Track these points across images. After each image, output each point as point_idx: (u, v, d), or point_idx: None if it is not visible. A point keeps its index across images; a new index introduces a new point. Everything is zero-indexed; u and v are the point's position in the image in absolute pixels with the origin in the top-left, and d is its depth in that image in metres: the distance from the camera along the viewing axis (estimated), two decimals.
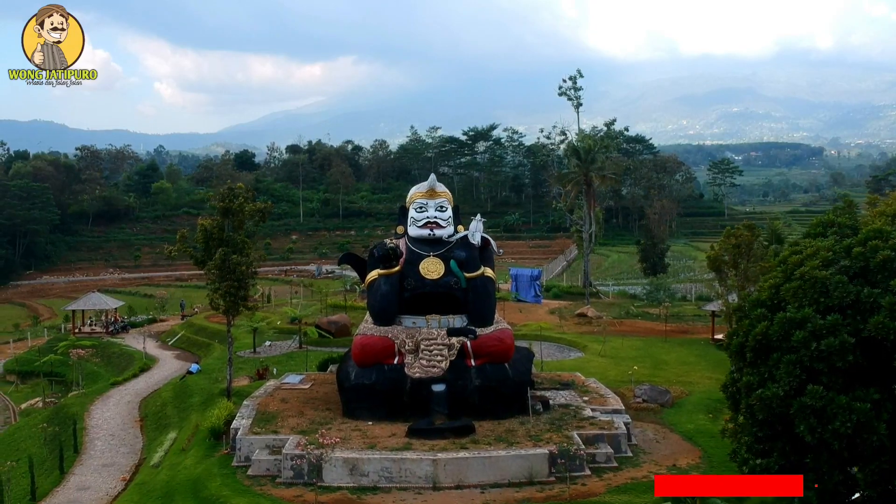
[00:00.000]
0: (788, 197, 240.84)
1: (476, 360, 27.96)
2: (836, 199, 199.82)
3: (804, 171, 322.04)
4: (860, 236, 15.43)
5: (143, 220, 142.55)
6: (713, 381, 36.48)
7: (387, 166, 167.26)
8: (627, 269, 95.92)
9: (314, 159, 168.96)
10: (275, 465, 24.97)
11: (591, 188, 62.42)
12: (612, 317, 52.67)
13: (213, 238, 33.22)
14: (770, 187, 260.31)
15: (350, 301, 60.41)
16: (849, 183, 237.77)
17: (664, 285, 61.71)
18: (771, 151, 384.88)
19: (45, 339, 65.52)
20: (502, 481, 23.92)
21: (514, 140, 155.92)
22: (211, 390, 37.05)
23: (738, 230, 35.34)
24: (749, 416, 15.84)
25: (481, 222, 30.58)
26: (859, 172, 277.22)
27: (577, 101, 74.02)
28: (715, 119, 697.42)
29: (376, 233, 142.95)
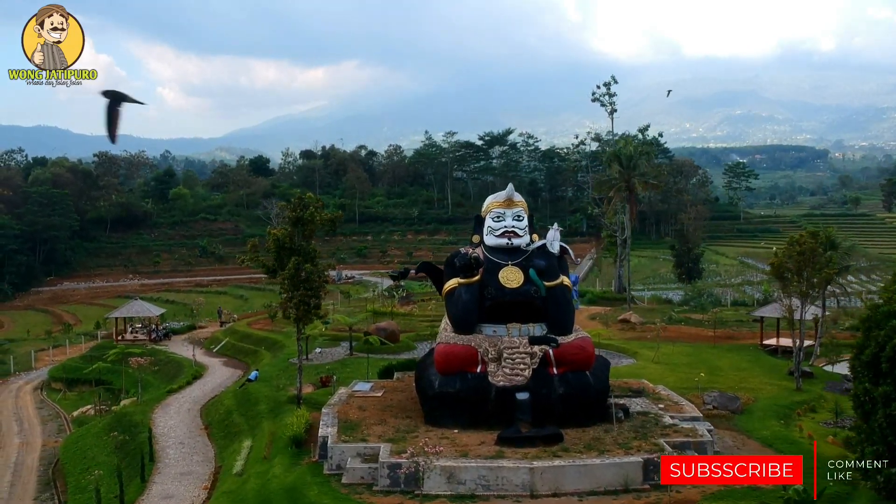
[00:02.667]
0: (796, 199, 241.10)
1: (558, 368, 28.23)
2: (844, 201, 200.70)
3: (809, 174, 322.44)
4: None
5: (160, 226, 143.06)
6: (775, 388, 37.03)
7: (401, 171, 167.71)
8: (652, 274, 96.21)
9: (329, 164, 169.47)
10: (369, 473, 25.27)
11: (632, 194, 62.87)
12: (662, 323, 52.88)
13: (285, 247, 33.56)
14: (776, 190, 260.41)
15: (391, 307, 60.75)
16: (856, 185, 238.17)
17: (707, 290, 61.99)
18: (775, 154, 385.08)
19: (82, 346, 65.82)
20: (598, 489, 24.21)
21: (529, 145, 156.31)
22: (276, 398, 37.33)
23: (803, 237, 35.58)
24: (887, 425, 16.10)
25: (559, 231, 30.86)
26: (865, 175, 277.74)
27: (612, 108, 74.33)
28: (718, 122, 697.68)
29: (393, 238, 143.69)
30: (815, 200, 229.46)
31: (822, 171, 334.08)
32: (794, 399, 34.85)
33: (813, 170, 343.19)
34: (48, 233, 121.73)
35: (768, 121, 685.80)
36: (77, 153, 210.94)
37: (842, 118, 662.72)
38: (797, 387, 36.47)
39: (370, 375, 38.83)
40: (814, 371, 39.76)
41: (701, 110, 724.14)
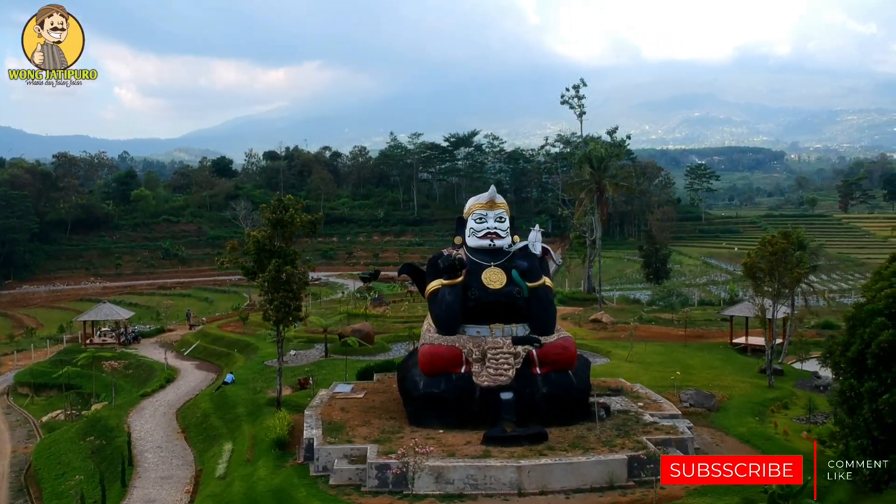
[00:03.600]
0: (754, 200, 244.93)
1: (541, 368, 28.55)
2: (801, 202, 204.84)
3: (766, 175, 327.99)
4: None
5: (122, 228, 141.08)
6: (747, 385, 37.82)
7: (367, 172, 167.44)
8: (618, 274, 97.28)
9: (293, 165, 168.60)
10: (357, 474, 25.34)
11: (603, 195, 63.58)
12: (627, 322, 53.58)
13: (265, 249, 33.46)
14: (735, 191, 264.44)
15: (363, 309, 60.74)
16: (812, 186, 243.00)
17: (676, 290, 62.94)
18: (733, 156, 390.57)
19: (47, 350, 64.73)
20: (584, 486, 24.57)
21: (494, 146, 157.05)
22: (255, 401, 37.16)
23: (775, 238, 36.37)
24: (873, 419, 16.64)
25: (539, 232, 31.19)
26: (820, 176, 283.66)
27: (581, 110, 75.08)
28: (677, 124, 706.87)
29: (359, 239, 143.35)
30: (772, 201, 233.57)
31: (779, 173, 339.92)
32: (767, 396, 35.64)
33: (770, 171, 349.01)
34: (6, 235, 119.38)
35: (726, 123, 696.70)
36: (32, 154, 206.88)
37: (797, 121, 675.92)
38: (769, 384, 37.28)
39: (348, 377, 38.81)
40: (784, 369, 40.62)
41: (660, 113, 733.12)
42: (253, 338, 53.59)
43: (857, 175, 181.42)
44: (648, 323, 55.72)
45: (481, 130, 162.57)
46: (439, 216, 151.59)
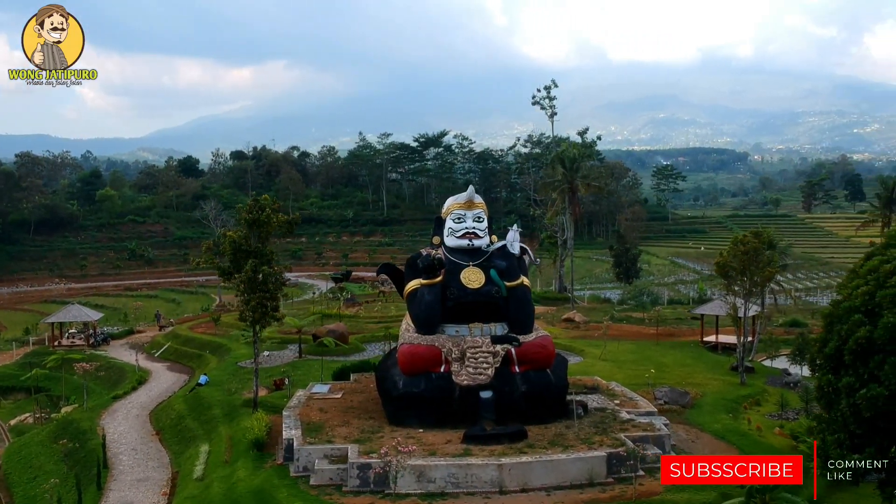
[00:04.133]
0: (718, 201, 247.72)
1: (520, 366, 28.79)
2: (765, 202, 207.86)
3: (730, 176, 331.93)
4: None
5: (87, 229, 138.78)
6: (720, 383, 38.41)
7: (335, 172, 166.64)
8: (587, 274, 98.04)
9: (261, 165, 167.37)
10: (338, 474, 25.37)
11: (575, 196, 64.12)
12: (599, 321, 54.08)
13: (241, 250, 33.27)
14: (700, 192, 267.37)
15: (336, 309, 60.56)
16: (775, 187, 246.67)
17: (647, 289, 63.61)
18: (698, 156, 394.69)
19: (13, 352, 63.59)
20: (564, 483, 24.84)
21: (464, 146, 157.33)
22: (230, 402, 36.97)
23: (747, 237, 36.98)
24: (850, 414, 17.05)
25: (518, 232, 31.39)
26: (783, 177, 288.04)
27: (552, 111, 75.57)
28: (642, 125, 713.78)
29: (328, 239, 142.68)
30: (736, 201, 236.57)
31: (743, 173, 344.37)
32: (739, 393, 36.25)
33: (734, 172, 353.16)
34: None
35: (690, 124, 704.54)
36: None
37: (760, 122, 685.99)
38: (741, 381, 37.91)
39: (324, 378, 38.70)
40: (754, 366, 41.29)
41: (626, 114, 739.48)
42: (225, 339, 53.20)
43: (820, 176, 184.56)
44: (620, 322, 56.30)
45: (451, 131, 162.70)
46: (409, 216, 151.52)
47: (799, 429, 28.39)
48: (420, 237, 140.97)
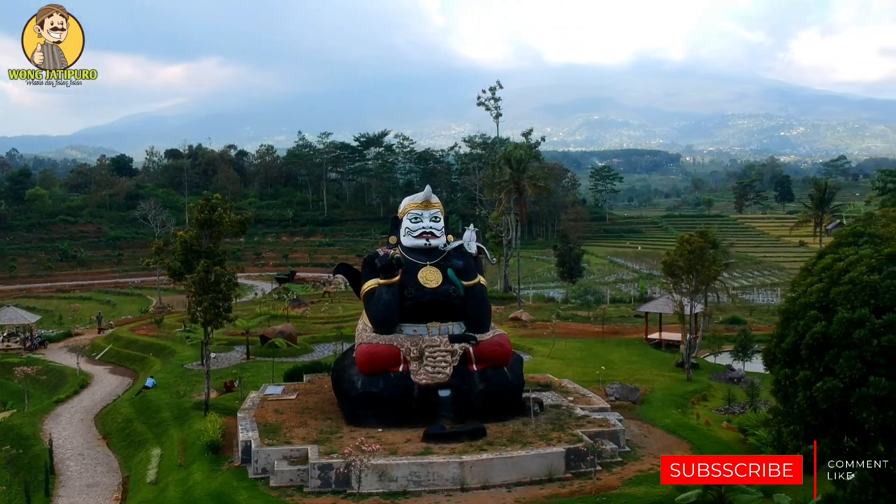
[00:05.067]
0: (652, 201, 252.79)
1: (478, 365, 29.05)
2: (698, 203, 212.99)
3: (663, 177, 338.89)
4: None
5: (16, 229, 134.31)
6: (667, 379, 39.31)
7: (274, 172, 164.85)
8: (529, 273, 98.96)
9: (197, 164, 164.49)
10: (298, 476, 25.23)
11: (521, 196, 64.79)
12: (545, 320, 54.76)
13: (193, 250, 32.77)
14: (634, 192, 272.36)
15: (281, 310, 60.00)
16: (707, 188, 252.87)
17: (592, 288, 64.60)
18: (632, 158, 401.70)
19: None
20: (524, 480, 25.17)
21: (404, 146, 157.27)
22: (180, 405, 36.39)
23: (692, 237, 37.91)
24: (807, 406, 17.72)
25: (474, 232, 31.64)
26: (714, 178, 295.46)
27: (497, 111, 76.17)
28: (577, 126, 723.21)
29: (267, 240, 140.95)
30: (670, 202, 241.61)
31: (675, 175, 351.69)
32: (686, 389, 37.14)
33: (666, 173, 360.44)
34: None
35: (624, 126, 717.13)
36: None
37: (691, 124, 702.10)
38: (688, 377, 38.85)
39: (275, 379, 38.37)
40: (699, 362, 42.34)
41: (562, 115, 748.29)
42: (169, 341, 52.19)
43: (751, 177, 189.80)
44: (567, 320, 57.06)
45: (391, 131, 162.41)
46: (350, 216, 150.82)
47: (747, 422, 29.28)
48: (361, 237, 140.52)
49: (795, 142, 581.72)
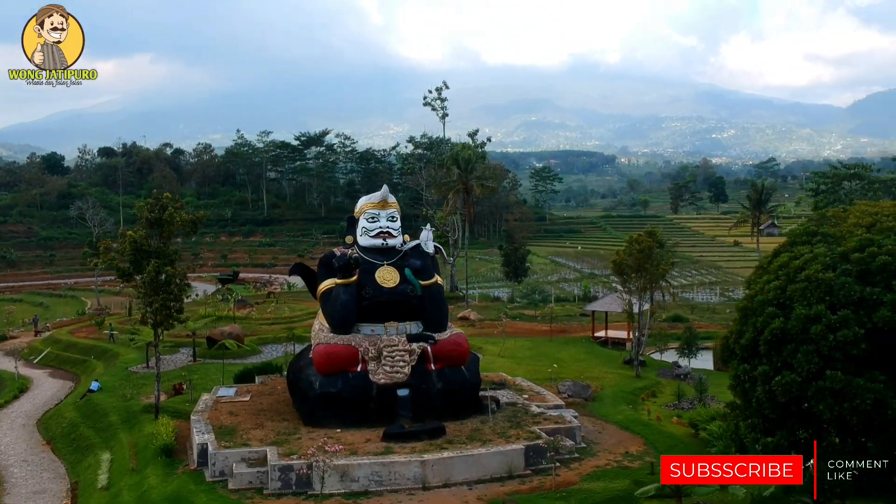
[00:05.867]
0: (589, 202, 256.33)
1: (436, 364, 29.15)
2: (634, 203, 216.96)
3: (600, 178, 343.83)
4: (854, 244, 18.45)
5: None
6: (616, 376, 40.05)
7: (212, 171, 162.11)
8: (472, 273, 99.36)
9: (132, 163, 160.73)
10: (257, 478, 24.96)
11: (469, 196, 65.08)
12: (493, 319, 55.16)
13: (142, 250, 32.11)
14: (571, 193, 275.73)
15: (226, 311, 59.13)
16: (643, 189, 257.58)
17: (539, 288, 65.22)
18: (568, 159, 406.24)
19: None
20: (485, 477, 25.36)
21: (346, 146, 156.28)
22: (127, 408, 35.58)
23: (641, 237, 38.69)
24: (766, 400, 18.31)
25: (431, 232, 31.73)
26: (649, 179, 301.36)
27: (444, 112, 76.33)
28: (515, 127, 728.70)
29: (205, 240, 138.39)
30: (606, 202, 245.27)
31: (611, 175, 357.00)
32: (635, 385, 37.91)
33: (602, 174, 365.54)
34: None
35: (561, 127, 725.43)
36: None
37: (626, 126, 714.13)
38: (636, 374, 39.65)
39: (225, 381, 37.83)
40: (646, 360, 43.22)
41: (499, 116, 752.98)
42: (111, 343, 50.95)
43: (686, 178, 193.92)
44: (514, 319, 57.57)
45: (332, 130, 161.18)
46: (290, 216, 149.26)
47: (698, 418, 29.98)
48: (302, 237, 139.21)
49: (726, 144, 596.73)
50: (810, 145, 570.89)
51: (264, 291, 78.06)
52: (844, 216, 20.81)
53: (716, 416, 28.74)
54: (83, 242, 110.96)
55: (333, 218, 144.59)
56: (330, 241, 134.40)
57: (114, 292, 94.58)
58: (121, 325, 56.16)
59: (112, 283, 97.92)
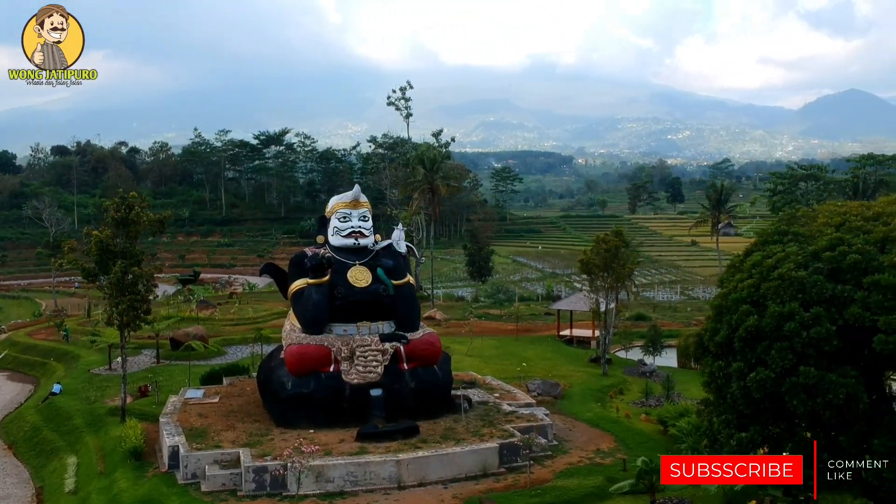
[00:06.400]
0: (547, 202, 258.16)
1: (409, 363, 29.18)
2: (592, 203, 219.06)
3: (557, 178, 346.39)
4: (824, 243, 18.90)
5: None
6: (583, 374, 40.46)
7: (168, 170, 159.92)
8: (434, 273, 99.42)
9: (86, 161, 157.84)
10: (231, 479, 24.75)
11: (435, 195, 65.15)
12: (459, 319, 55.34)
13: (108, 250, 31.58)
14: (530, 193, 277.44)
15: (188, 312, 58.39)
16: (600, 189, 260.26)
17: (504, 287, 65.53)
18: (527, 159, 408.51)
19: None
20: (460, 476, 25.48)
21: (305, 145, 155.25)
22: (92, 411, 34.97)
23: (608, 236, 39.14)
24: (741, 396, 18.68)
25: (403, 231, 31.76)
26: (605, 179, 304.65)
27: (408, 112, 76.35)
28: (473, 128, 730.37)
29: (162, 240, 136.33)
30: (564, 202, 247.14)
31: (569, 176, 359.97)
32: (603, 383, 38.33)
33: (560, 174, 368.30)
34: None
35: (518, 128, 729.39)
36: None
37: (583, 127, 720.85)
38: (603, 372, 40.09)
39: (191, 382, 37.39)
40: (611, 358, 43.70)
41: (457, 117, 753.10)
42: (71, 345, 50.01)
43: (644, 179, 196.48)
44: (479, 319, 57.75)
45: (291, 129, 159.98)
46: (249, 216, 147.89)
47: (666, 414, 30.41)
48: (262, 237, 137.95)
49: (681, 145, 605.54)
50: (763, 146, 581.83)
51: (225, 292, 77.21)
52: (814, 216, 21.31)
53: (684, 413, 29.22)
54: (38, 243, 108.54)
55: (293, 218, 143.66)
56: (290, 241, 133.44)
57: (69, 293, 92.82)
58: (81, 325, 55.19)
59: (67, 285, 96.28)
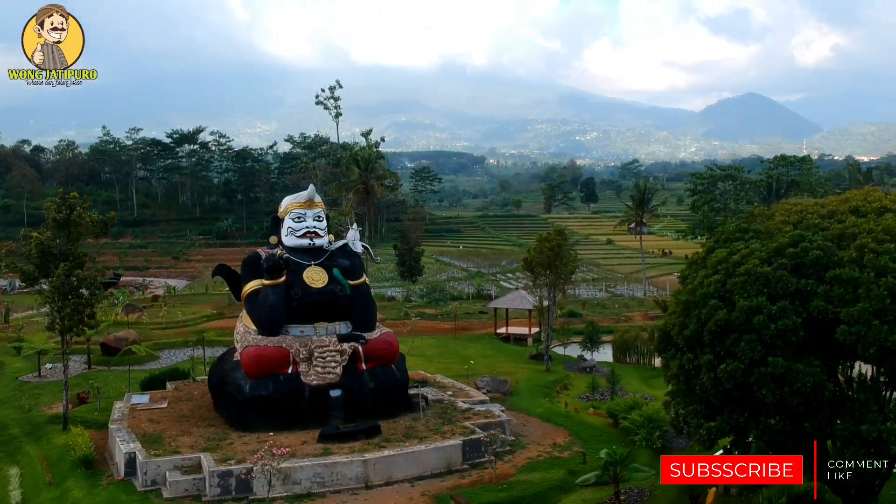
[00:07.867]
0: (461, 202, 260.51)
1: (367, 363, 29.19)
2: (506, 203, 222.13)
3: (470, 178, 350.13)
4: (786, 240, 19.92)
5: None
6: (526, 371, 41.18)
7: (76, 169, 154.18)
8: None
9: None
10: (193, 485, 24.26)
11: (370, 195, 64.89)
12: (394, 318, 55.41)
13: (50, 253, 30.46)
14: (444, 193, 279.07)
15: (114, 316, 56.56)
16: (513, 189, 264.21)
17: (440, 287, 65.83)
18: (439, 159, 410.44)
19: None
20: (425, 474, 25.62)
21: (221, 144, 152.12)
22: (29, 419, 33.54)
23: (551, 235, 39.94)
24: (711, 386, 19.53)
25: (358, 231, 31.71)
26: (517, 179, 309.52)
27: (337, 111, 75.81)
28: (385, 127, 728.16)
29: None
30: (478, 202, 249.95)
31: (481, 176, 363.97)
32: (548, 379, 39.10)
33: (472, 174, 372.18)
34: None
35: (430, 128, 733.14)
36: None
37: (494, 128, 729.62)
38: (547, 368, 40.90)
39: (130, 388, 36.36)
40: (550, 354, 44.59)
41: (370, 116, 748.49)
42: None
43: (559, 179, 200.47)
44: (418, 318, 57.94)
45: (206, 127, 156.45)
46: (162, 216, 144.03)
47: (616, 408, 31.27)
48: (176, 238, 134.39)
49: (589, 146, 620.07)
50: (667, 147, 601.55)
51: (145, 295, 75.06)
52: (770, 214, 22.42)
53: (634, 406, 30.18)
54: None
55: (209, 218, 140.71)
56: (206, 242, 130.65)
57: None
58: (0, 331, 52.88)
59: None
